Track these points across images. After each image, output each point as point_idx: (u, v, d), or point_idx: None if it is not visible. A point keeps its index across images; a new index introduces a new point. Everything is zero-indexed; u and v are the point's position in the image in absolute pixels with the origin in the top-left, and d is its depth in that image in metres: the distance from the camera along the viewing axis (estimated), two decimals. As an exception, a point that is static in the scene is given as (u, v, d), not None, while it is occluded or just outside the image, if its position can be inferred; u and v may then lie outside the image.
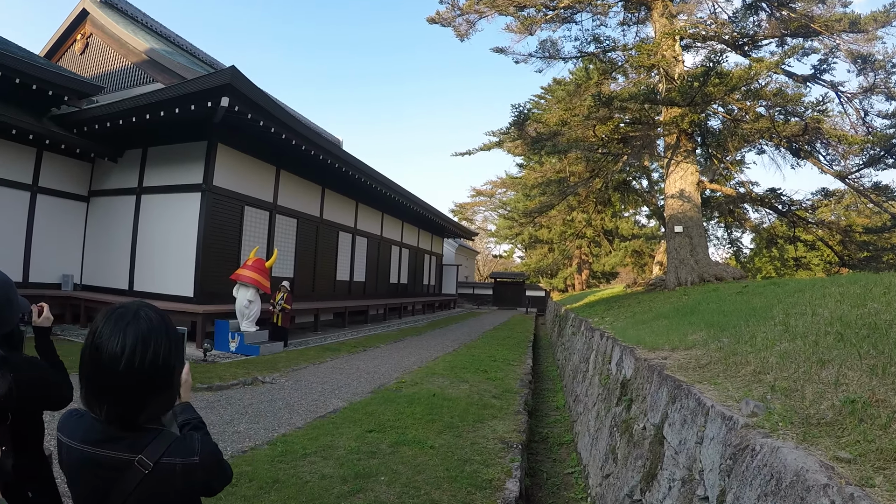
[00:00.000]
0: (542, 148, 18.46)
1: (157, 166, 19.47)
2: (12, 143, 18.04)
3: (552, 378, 15.84)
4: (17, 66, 16.68)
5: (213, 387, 11.14)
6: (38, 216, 19.32)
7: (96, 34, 25.56)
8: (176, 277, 18.13)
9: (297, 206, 23.55)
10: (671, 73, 15.88)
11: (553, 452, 8.89)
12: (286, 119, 17.76)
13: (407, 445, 7.52)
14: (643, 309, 12.36)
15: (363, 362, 15.50)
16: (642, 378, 5.67)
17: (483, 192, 70.00)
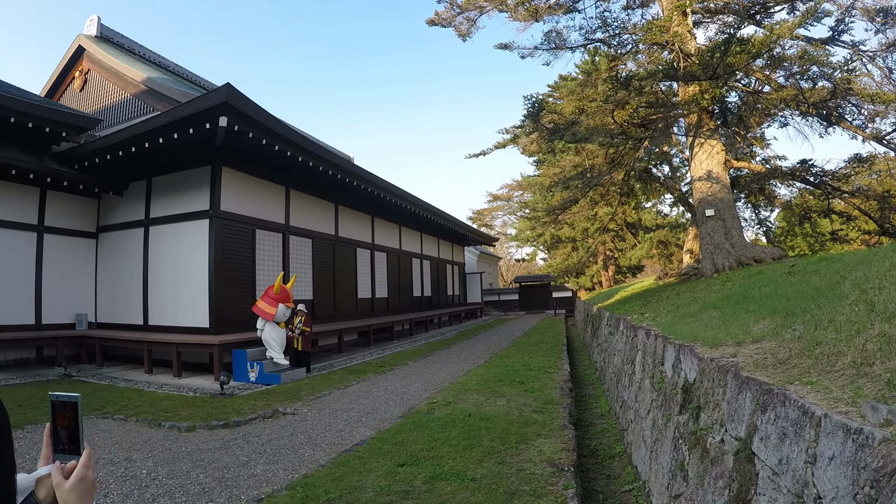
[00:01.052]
0: (560, 138, 17.84)
1: (162, 196, 19.06)
2: (14, 184, 17.99)
3: (591, 382, 15.01)
4: (10, 105, 16.46)
5: (231, 423, 10.44)
6: (47, 256, 19.21)
7: (94, 69, 25.67)
8: (190, 308, 17.62)
9: (310, 226, 22.88)
10: (686, 48, 15.09)
11: (605, 467, 8.01)
12: (290, 135, 17.13)
13: (444, 480, 6.66)
14: (685, 300, 11.47)
15: (391, 383, 14.73)
16: (711, 381, 4.80)
17: (500, 196, 69.42)
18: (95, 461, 7.80)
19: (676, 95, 17.16)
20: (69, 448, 1.76)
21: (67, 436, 1.77)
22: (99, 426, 10.53)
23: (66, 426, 1.77)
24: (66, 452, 1.76)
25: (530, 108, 17.81)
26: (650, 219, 46.70)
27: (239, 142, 16.34)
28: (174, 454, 8.49)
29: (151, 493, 6.79)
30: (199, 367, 17.20)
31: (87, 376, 16.67)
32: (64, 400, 1.76)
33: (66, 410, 1.77)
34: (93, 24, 26.32)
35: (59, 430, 1.78)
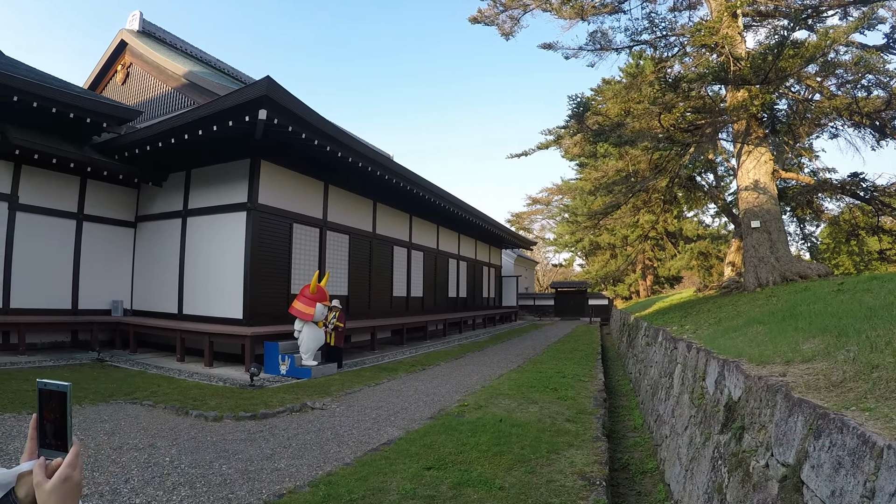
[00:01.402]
0: (605, 140, 17.58)
1: (201, 187, 19.12)
2: (56, 173, 18.26)
3: (625, 393, 14.71)
4: (52, 96, 16.65)
5: (258, 415, 10.35)
6: (86, 244, 19.48)
7: (136, 63, 26.24)
8: (225, 299, 17.66)
9: (348, 222, 22.85)
10: (735, 52, 14.76)
11: (636, 483, 7.73)
12: (329, 130, 17.04)
13: (471, 487, 6.44)
14: (728, 314, 11.17)
15: (422, 383, 14.56)
16: (758, 401, 4.55)
17: (539, 200, 69.14)
18: (119, 447, 7.81)
19: (724, 101, 16.83)
20: (55, 443, 1.55)
21: (54, 430, 1.55)
22: (127, 411, 10.51)
23: (53, 419, 1.55)
24: (53, 448, 1.55)
25: (575, 109, 17.55)
26: (691, 229, 46.07)
27: (278, 135, 16.23)
28: (199, 443, 8.42)
29: (172, 482, 6.69)
30: (231, 357, 17.20)
31: (120, 361, 16.75)
32: (52, 389, 1.54)
33: (52, 401, 1.55)
34: (135, 19, 26.78)
35: (45, 423, 1.56)
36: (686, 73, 16.16)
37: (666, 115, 15.89)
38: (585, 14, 16.85)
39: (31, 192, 18.07)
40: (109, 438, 8.46)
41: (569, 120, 18.76)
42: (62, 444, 1.54)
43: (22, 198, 17.77)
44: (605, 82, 27.95)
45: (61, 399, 1.53)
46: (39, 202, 18.29)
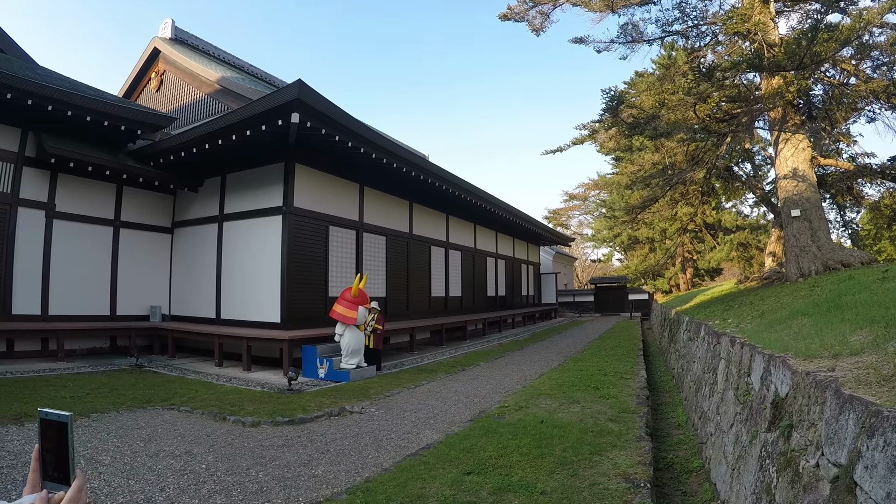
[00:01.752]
0: (640, 133, 17.38)
1: (236, 192, 19.22)
2: (92, 181, 18.44)
3: (668, 390, 14.50)
4: (87, 104, 16.81)
5: (296, 420, 10.30)
6: (123, 250, 19.70)
7: (169, 70, 26.52)
8: (262, 303, 17.73)
9: (384, 223, 22.82)
10: (768, 38, 14.51)
11: (681, 483, 7.54)
12: (363, 132, 17.01)
13: (512, 492, 6.29)
14: (771, 306, 10.94)
15: (461, 384, 14.44)
16: (806, 397, 4.38)
17: (576, 196, 68.89)
18: (156, 454, 7.77)
19: (759, 89, 16.58)
20: (57, 475, 1.45)
21: (54, 462, 1.45)
22: (164, 417, 10.52)
23: (53, 450, 1.45)
24: (56, 480, 1.45)
25: (609, 102, 17.37)
26: (730, 219, 45.51)
27: (312, 138, 16.27)
28: (236, 449, 8.36)
29: (208, 490, 6.63)
30: (269, 361, 17.24)
31: (158, 367, 16.84)
32: (52, 419, 1.45)
33: (51, 432, 1.45)
34: (167, 27, 27.11)
35: (46, 453, 1.46)
36: (720, 61, 15.94)
37: (701, 105, 15.70)
38: (616, 6, 16.66)
39: (68, 200, 18.24)
40: (146, 445, 8.43)
41: (603, 113, 18.59)
42: (63, 477, 1.45)
43: (59, 206, 17.94)
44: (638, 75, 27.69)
45: (61, 430, 1.44)
46: (76, 210, 18.45)
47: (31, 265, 17.34)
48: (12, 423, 9.23)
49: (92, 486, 6.61)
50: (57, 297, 17.80)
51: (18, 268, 16.98)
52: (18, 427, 9.02)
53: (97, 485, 6.66)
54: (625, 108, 17.88)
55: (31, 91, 15.46)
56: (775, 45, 14.02)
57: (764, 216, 41.56)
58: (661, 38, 17.45)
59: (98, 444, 8.37)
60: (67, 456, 1.44)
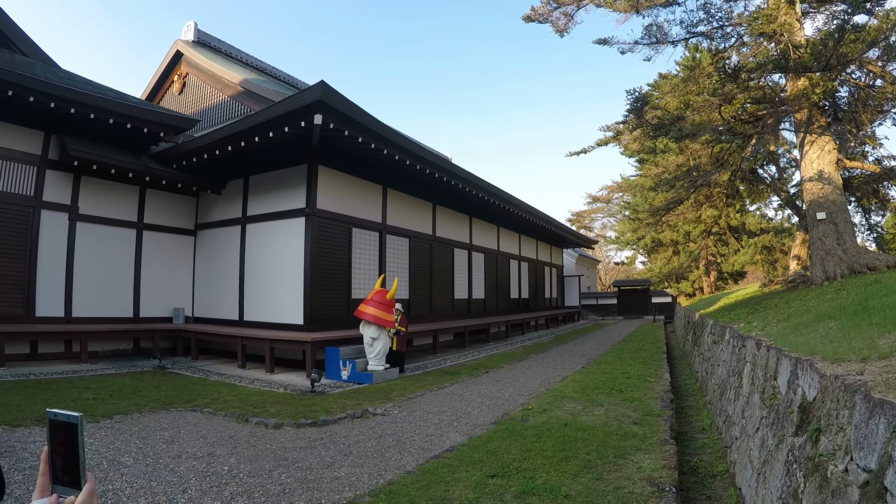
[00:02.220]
0: (665, 134, 17.29)
1: (259, 194, 19.27)
2: (115, 183, 18.60)
3: (692, 393, 14.39)
4: (109, 107, 17.01)
5: (318, 422, 10.25)
6: (146, 252, 19.83)
7: (192, 73, 26.64)
8: (285, 305, 17.74)
9: (407, 225, 22.81)
10: (794, 39, 14.41)
11: (706, 487, 7.45)
12: (386, 133, 16.99)
13: (537, 495, 6.22)
14: (796, 310, 10.83)
15: (485, 386, 14.37)
16: (835, 401, 4.31)
17: (599, 198, 68.57)
18: (178, 455, 7.76)
19: (784, 91, 16.48)
20: (67, 479, 1.41)
21: (63, 465, 1.41)
22: (187, 419, 10.52)
23: (62, 453, 1.41)
24: (65, 484, 1.42)
25: (633, 103, 17.30)
26: (754, 222, 45.19)
27: (334, 140, 16.27)
28: (258, 451, 8.34)
29: (230, 492, 6.61)
30: (292, 363, 17.25)
31: (181, 369, 16.90)
32: (62, 420, 1.40)
33: (62, 434, 1.41)
34: (189, 30, 27.27)
35: (55, 455, 1.42)
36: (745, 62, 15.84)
37: (726, 106, 15.63)
38: (640, 7, 16.59)
39: (91, 203, 18.37)
40: (168, 447, 8.44)
41: (627, 115, 18.54)
42: (74, 481, 1.41)
43: (82, 208, 18.07)
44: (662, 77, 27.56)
45: (72, 431, 1.40)
46: (99, 212, 18.59)
47: (55, 267, 17.47)
48: (35, 424, 9.26)
49: (114, 487, 6.62)
50: (80, 299, 17.93)
51: (42, 270, 17.11)
52: (41, 429, 9.05)
53: (119, 486, 6.67)
54: (649, 110, 17.81)
55: (54, 94, 15.60)
56: (801, 47, 13.92)
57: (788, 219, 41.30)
58: (685, 40, 17.39)
59: (120, 446, 8.38)
60: (78, 459, 1.40)
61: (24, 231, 16.78)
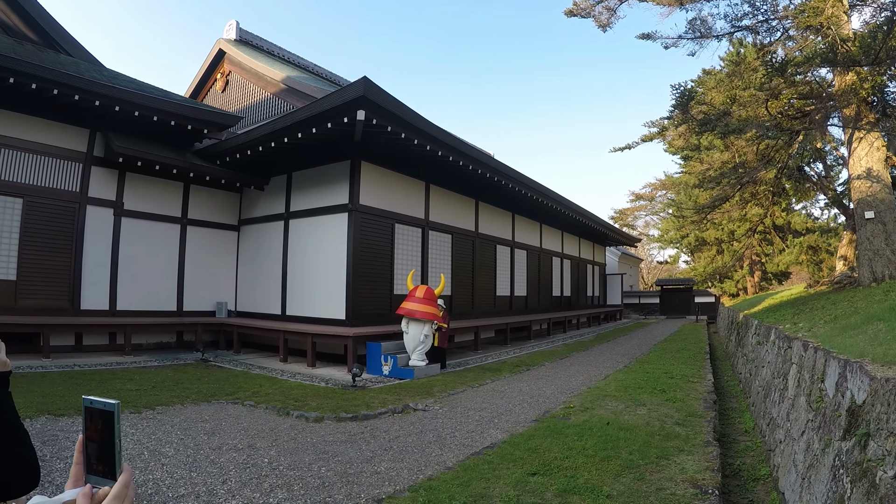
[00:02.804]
0: (711, 130, 17.10)
1: (302, 190, 19.37)
2: (160, 180, 18.92)
3: (734, 395, 14.21)
4: (154, 105, 17.31)
5: (359, 416, 10.28)
6: (190, 247, 20.05)
7: (235, 71, 27.11)
8: (327, 300, 17.80)
9: (450, 221, 22.80)
10: (841, 32, 14.13)
11: (748, 490, 7.32)
12: (429, 129, 16.94)
13: (578, 494, 6.14)
14: (844, 311, 10.63)
15: (526, 384, 14.31)
16: (885, 404, 4.19)
17: (642, 196, 68.02)
18: (219, 447, 7.79)
19: (831, 86, 16.19)
20: (102, 469, 1.35)
21: (98, 453, 1.35)
22: (228, 411, 10.59)
23: (98, 441, 1.35)
24: (100, 475, 1.36)
25: (679, 98, 17.11)
26: (800, 222, 44.46)
27: (377, 136, 16.28)
28: (298, 444, 8.37)
29: (270, 484, 6.63)
30: (333, 357, 17.33)
31: (224, 362, 17.04)
32: (98, 407, 1.34)
33: (98, 421, 1.34)
34: (232, 29, 27.66)
35: (91, 444, 1.37)
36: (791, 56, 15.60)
37: (773, 101, 15.42)
38: (684, 1, 16.41)
39: (136, 199, 18.63)
40: (209, 438, 8.50)
41: (672, 110, 18.33)
42: (108, 471, 1.35)
43: (127, 204, 18.33)
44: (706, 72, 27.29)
45: (108, 419, 1.33)
46: (144, 208, 18.85)
47: (100, 262, 17.74)
48: (77, 414, 9.32)
49: (154, 477, 6.67)
50: (125, 293, 18.20)
51: (87, 264, 17.40)
52: (86, 418, 9.14)
53: (159, 476, 6.72)
54: (695, 105, 17.60)
55: (99, 92, 15.85)
56: (848, 40, 13.66)
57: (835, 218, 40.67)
58: (729, 34, 17.14)
59: (162, 436, 8.46)
60: (114, 448, 1.34)
61: (70, 226, 17.06)
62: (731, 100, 16.20)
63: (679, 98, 17.14)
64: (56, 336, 16.14)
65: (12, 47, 15.92)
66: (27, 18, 18.04)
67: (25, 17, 18.00)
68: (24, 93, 14.90)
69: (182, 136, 19.03)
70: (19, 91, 14.78)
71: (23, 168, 16.20)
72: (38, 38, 18.33)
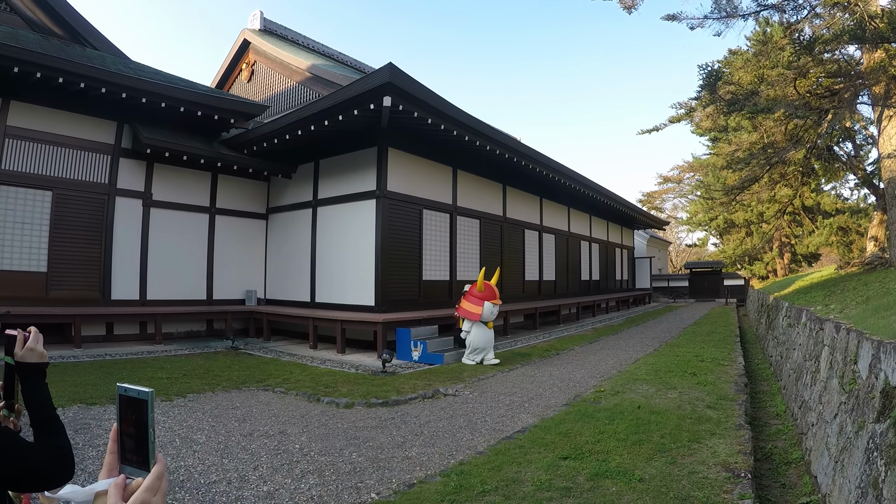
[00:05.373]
0: (739, 110, 16.94)
1: (330, 177, 19.40)
2: (187, 170, 19.07)
3: (765, 378, 14.06)
4: (180, 95, 17.37)
5: (390, 401, 10.32)
6: (219, 236, 20.23)
7: (260, 61, 27.39)
8: (356, 287, 17.83)
9: (478, 207, 22.77)
10: (868, 9, 13.91)
11: (780, 474, 7.25)
12: (456, 114, 16.93)
13: (610, 478, 6.14)
14: (876, 292, 10.51)
15: (556, 368, 14.33)
16: (920, 386, 4.14)
17: (670, 179, 67.48)
18: (250, 433, 7.84)
19: (860, 64, 15.99)
20: (137, 460, 1.35)
21: (131, 443, 1.35)
22: (259, 398, 10.68)
23: (132, 431, 1.34)
24: (134, 465, 1.35)
25: (707, 78, 16.95)
26: (829, 203, 43.93)
27: (404, 122, 16.27)
28: (329, 430, 8.42)
29: (301, 469, 6.67)
30: (363, 344, 17.42)
31: (254, 349, 17.17)
32: (132, 396, 1.34)
33: (130, 411, 1.35)
34: (256, 19, 27.95)
35: (124, 435, 1.36)
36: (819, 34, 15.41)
37: (801, 80, 15.27)
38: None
39: (164, 189, 18.77)
40: (240, 425, 8.56)
41: (700, 91, 18.21)
42: (142, 461, 1.34)
43: (155, 195, 18.47)
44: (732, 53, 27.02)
45: (141, 408, 1.33)
46: (172, 198, 18.98)
47: (130, 252, 17.91)
48: (109, 402, 9.45)
49: (186, 464, 6.72)
50: (154, 283, 18.38)
51: (117, 255, 17.55)
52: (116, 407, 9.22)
53: (191, 462, 6.78)
54: (722, 85, 17.44)
55: (125, 84, 15.97)
56: (876, 17, 13.46)
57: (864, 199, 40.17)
58: (755, 13, 16.93)
59: (193, 424, 8.54)
60: (147, 438, 1.34)
61: (100, 218, 17.23)
62: (758, 79, 16.08)
63: (707, 78, 16.99)
64: (87, 326, 16.34)
65: (39, 43, 16.06)
66: (53, 14, 18.18)
67: (51, 12, 18.14)
68: (52, 87, 15.04)
69: (209, 126, 19.10)
70: (47, 85, 14.92)
71: (51, 161, 16.36)
72: (63, 33, 18.48)
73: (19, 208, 15.74)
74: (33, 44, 15.34)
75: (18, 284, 15.56)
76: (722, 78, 17.39)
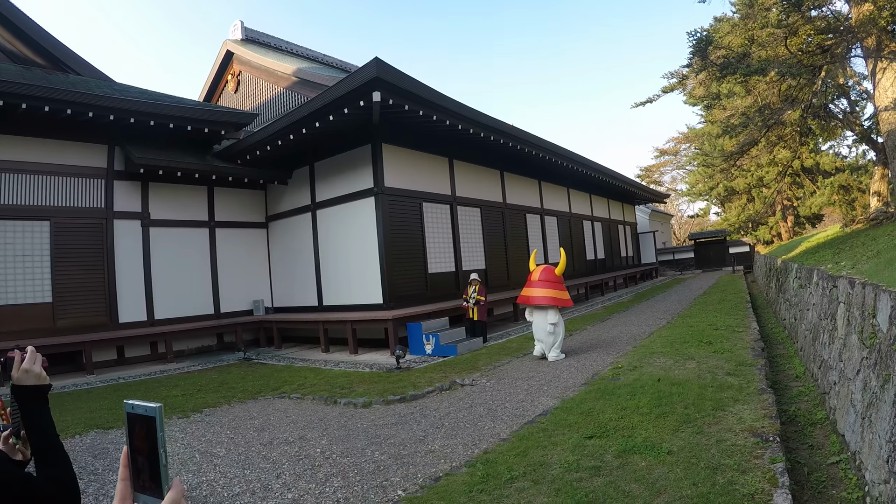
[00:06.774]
0: (733, 73, 16.83)
1: (326, 179, 19.44)
2: (182, 186, 19.11)
3: (780, 341, 14.00)
4: (167, 112, 17.53)
5: (407, 397, 10.31)
6: (220, 249, 20.28)
7: (245, 70, 27.55)
8: (363, 286, 17.85)
9: (477, 195, 22.74)
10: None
11: (807, 436, 7.17)
12: (448, 104, 16.86)
13: (638, 453, 6.08)
14: (885, 245, 10.41)
15: (570, 348, 14.16)
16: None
17: (667, 151, 67.49)
18: (269, 442, 7.77)
19: (848, 19, 15.87)
20: (150, 485, 1.22)
21: (144, 466, 1.22)
22: (275, 406, 10.66)
23: (143, 451, 1.22)
24: (147, 490, 1.23)
25: (697, 44, 16.88)
26: (828, 162, 43.73)
27: (395, 116, 16.21)
28: (349, 431, 8.37)
29: (324, 473, 6.63)
30: (375, 342, 17.46)
31: (266, 358, 17.20)
32: (139, 413, 1.22)
33: (139, 428, 1.22)
34: (237, 29, 28.22)
35: (137, 456, 1.24)
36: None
37: (792, 38, 15.15)
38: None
39: (161, 207, 18.80)
40: (259, 434, 8.53)
41: (691, 57, 18.10)
42: (156, 487, 1.21)
43: (153, 214, 18.52)
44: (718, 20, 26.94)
45: (149, 426, 1.21)
46: (170, 215, 19.03)
47: (133, 274, 17.94)
48: (128, 425, 9.38)
49: (207, 479, 6.68)
50: (161, 302, 18.39)
51: (121, 278, 17.58)
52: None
53: (213, 477, 6.73)
54: (713, 50, 17.33)
55: (112, 106, 16.00)
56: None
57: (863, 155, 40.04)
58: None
59: (212, 438, 8.50)
60: (158, 459, 1.21)
61: (100, 242, 17.26)
62: (749, 41, 15.98)
63: (697, 44, 16.90)
64: (97, 351, 16.33)
65: (21, 74, 16.02)
66: (32, 44, 18.09)
67: (30, 42, 18.05)
68: (39, 116, 15.03)
69: (200, 140, 19.10)
70: (34, 115, 14.91)
71: (46, 190, 16.37)
72: (45, 62, 18.41)
73: (19, 241, 15.73)
74: (15, 75, 15.30)
75: (25, 317, 15.56)
76: (712, 42, 17.29)
